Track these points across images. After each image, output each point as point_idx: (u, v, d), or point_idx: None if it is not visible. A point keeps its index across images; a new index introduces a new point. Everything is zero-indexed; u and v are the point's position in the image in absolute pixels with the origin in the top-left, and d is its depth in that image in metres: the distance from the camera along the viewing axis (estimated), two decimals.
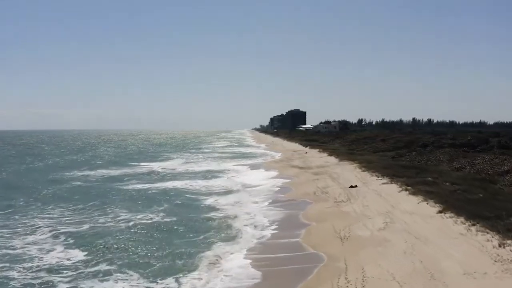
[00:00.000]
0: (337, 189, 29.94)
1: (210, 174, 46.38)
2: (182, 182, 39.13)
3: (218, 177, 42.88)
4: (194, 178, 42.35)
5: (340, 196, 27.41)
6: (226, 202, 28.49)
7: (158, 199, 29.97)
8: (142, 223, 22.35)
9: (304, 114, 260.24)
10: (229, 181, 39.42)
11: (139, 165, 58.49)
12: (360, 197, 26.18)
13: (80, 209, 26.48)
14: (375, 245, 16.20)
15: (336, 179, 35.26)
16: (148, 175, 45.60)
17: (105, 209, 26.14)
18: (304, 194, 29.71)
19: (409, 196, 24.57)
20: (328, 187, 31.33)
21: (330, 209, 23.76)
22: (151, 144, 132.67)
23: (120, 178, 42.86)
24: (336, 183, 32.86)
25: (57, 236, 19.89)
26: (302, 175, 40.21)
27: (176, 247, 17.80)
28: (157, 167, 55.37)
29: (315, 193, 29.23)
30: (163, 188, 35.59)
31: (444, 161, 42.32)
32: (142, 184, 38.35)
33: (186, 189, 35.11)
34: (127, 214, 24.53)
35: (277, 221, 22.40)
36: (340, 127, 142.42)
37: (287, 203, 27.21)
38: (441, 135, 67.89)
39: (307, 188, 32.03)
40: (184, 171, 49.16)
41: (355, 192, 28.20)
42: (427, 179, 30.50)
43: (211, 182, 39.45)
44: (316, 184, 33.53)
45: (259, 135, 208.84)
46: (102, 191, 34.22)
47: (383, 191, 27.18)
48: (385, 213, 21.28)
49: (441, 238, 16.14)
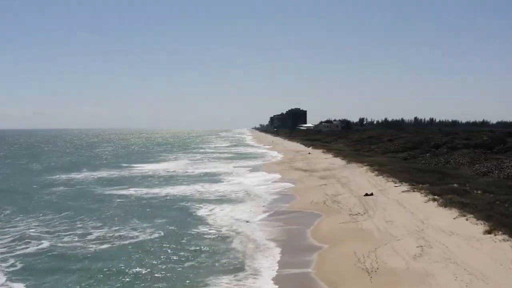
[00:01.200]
0: (350, 198, 25.95)
1: (207, 177, 42.43)
2: (176, 188, 35.14)
3: (215, 182, 38.91)
4: (190, 182, 38.38)
5: (355, 206, 23.41)
6: (222, 214, 24.49)
7: (145, 209, 26.01)
8: (118, 244, 18.35)
9: (304, 113, 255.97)
10: (227, 186, 35.44)
11: (133, 167, 54.46)
12: (380, 209, 22.19)
13: (47, 222, 22.48)
14: (415, 283, 12.21)
15: (346, 184, 31.28)
16: (141, 179, 41.60)
17: (76, 223, 22.14)
18: (311, 203, 25.71)
19: (439, 209, 20.58)
20: (338, 195, 27.33)
21: (346, 225, 19.76)
22: (148, 144, 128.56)
23: (109, 182, 38.90)
24: (347, 190, 28.87)
25: (5, 259, 15.93)
26: (307, 180, 36.22)
27: (154, 281, 13.82)
28: (151, 169, 51.39)
29: (325, 203, 25.21)
30: (153, 195, 31.62)
31: (465, 164, 38.33)
32: (132, 189, 34.35)
33: (180, 196, 31.11)
34: (102, 230, 20.53)
35: (279, 240, 18.42)
36: (342, 126, 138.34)
37: (291, 216, 23.22)
38: (453, 135, 63.85)
39: (314, 195, 28.04)
40: (180, 174, 45.16)
41: (372, 201, 24.20)
42: (453, 186, 26.53)
43: (207, 187, 35.49)
44: (324, 190, 29.54)
45: (259, 135, 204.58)
46: (83, 198, 30.23)
47: (406, 201, 23.20)
48: (416, 231, 17.30)
49: (503, 274, 12.17)
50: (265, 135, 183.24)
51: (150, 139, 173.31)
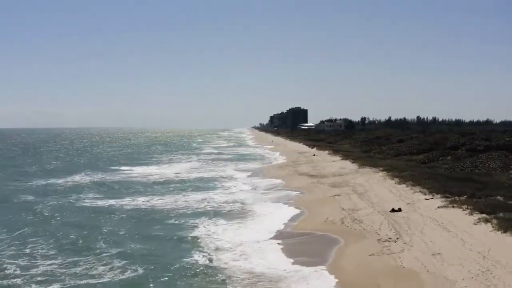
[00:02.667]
0: (374, 214, 21.01)
1: (202, 183, 37.53)
2: (164, 198, 30.20)
3: (211, 189, 33.99)
4: (181, 190, 33.47)
5: (382, 227, 18.47)
6: (216, 236, 19.55)
7: (120, 228, 21.12)
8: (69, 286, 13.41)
9: (305, 112, 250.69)
10: (224, 196, 30.52)
11: (122, 170, 49.51)
12: (416, 232, 17.26)
13: None
14: None
15: (364, 195, 26.33)
16: (126, 186, 36.70)
17: (25, 247, 17.34)
18: (325, 222, 20.73)
19: (498, 235, 15.66)
20: (358, 210, 22.39)
21: (378, 258, 14.80)
22: (147, 144, 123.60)
23: (88, 190, 33.99)
24: (367, 203, 23.92)
25: None
26: (315, 188, 31.28)
27: None
28: (141, 173, 46.51)
29: (343, 222, 20.23)
30: (135, 207, 26.75)
31: (496, 168, 33.44)
32: (112, 200, 29.46)
33: (166, 209, 26.18)
34: (53, 262, 15.58)
35: (285, 279, 13.52)
36: (345, 126, 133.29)
37: (298, 241, 18.29)
38: (471, 135, 58.88)
39: (327, 210, 23.11)
40: (171, 179, 40.17)
41: (403, 220, 19.27)
42: (498, 199, 21.64)
43: (202, 195, 30.61)
44: (338, 203, 24.60)
45: (259, 134, 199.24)
46: (48, 211, 25.29)
47: (446, 221, 18.27)
48: (481, 273, 12.39)
49: None
50: (266, 135, 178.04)
51: (150, 138, 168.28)
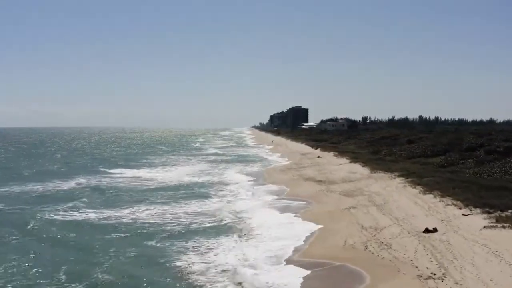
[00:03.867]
0: (403, 235, 17.03)
1: (195, 189, 33.64)
2: (151, 208, 26.28)
3: (206, 197, 30.03)
4: (173, 199, 29.53)
5: (419, 256, 14.48)
6: (204, 265, 15.60)
7: (89, 252, 17.17)
8: None
9: (306, 111, 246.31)
10: (219, 207, 26.57)
11: (115, 173, 45.56)
12: (466, 265, 13.29)
13: None
14: None
15: (384, 207, 22.36)
16: (116, 191, 32.80)
17: None
18: (343, 248, 16.61)
19: None
20: (381, 228, 18.41)
21: None
22: (144, 144, 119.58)
23: (68, 198, 30.04)
24: (390, 218, 19.95)
25: None
26: (325, 197, 27.31)
27: None
28: (132, 176, 42.61)
29: (366, 247, 16.18)
30: (113, 221, 22.82)
31: None
32: (90, 211, 25.54)
33: (153, 224, 22.24)
34: None
35: None
36: (348, 125, 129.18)
37: (312, 275, 14.27)
38: (488, 136, 54.86)
39: (344, 228, 19.13)
40: (162, 184, 36.17)
41: (444, 245, 15.29)
42: None
43: (195, 206, 26.72)
44: (355, 218, 20.62)
45: (259, 134, 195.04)
46: (4, 227, 21.31)
47: (502, 248, 14.31)
48: None
49: None
50: (266, 135, 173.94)
51: (150, 138, 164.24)
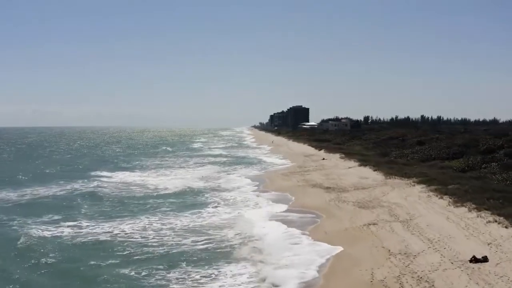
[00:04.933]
0: (445, 266, 13.49)
1: (191, 198, 30.25)
2: (134, 221, 22.79)
3: (199, 209, 26.53)
4: (161, 210, 26.06)
5: None
6: None
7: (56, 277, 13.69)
8: None
9: (307, 110, 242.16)
10: (212, 221, 23.08)
11: (101, 176, 42.16)
12: None
13: None
14: None
15: (410, 223, 18.82)
16: (94, 200, 29.36)
17: None
18: (371, 285, 13.09)
19: None
20: (414, 255, 14.85)
21: None
22: (142, 144, 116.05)
23: (43, 207, 26.61)
24: (422, 240, 16.41)
25: None
26: (336, 209, 23.77)
27: None
28: (120, 181, 39.17)
29: (402, 285, 12.61)
30: (91, 237, 19.37)
31: None
32: (68, 224, 22.13)
33: (130, 244, 18.75)
34: None
35: None
36: (351, 125, 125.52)
37: None
38: (506, 136, 51.27)
39: (366, 254, 15.58)
40: (150, 192, 32.65)
41: (502, 283, 11.79)
42: None
43: (185, 219, 23.29)
44: (378, 239, 17.07)
45: (259, 134, 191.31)
46: None
47: None
48: None
49: None
50: (266, 134, 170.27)
51: (149, 138, 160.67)
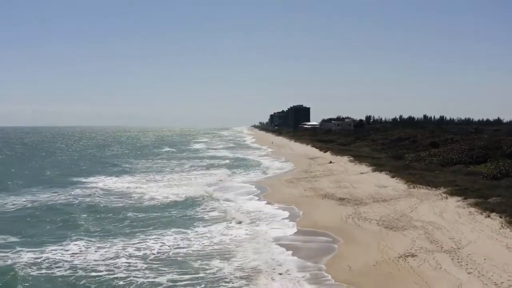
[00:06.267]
0: None
1: (179, 211, 25.70)
2: (104, 246, 18.21)
3: (185, 227, 22.03)
4: (140, 228, 21.52)
5: None
6: None
7: None
8: None
9: (307, 110, 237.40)
10: (201, 245, 18.50)
11: (86, 182, 37.68)
12: None
13: None
14: None
15: (460, 255, 14.21)
16: (71, 212, 24.90)
17: None
18: None
19: None
20: None
21: None
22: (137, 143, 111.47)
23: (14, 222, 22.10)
24: (486, 284, 11.81)
25: None
26: (356, 229, 19.14)
27: None
28: (102, 186, 34.72)
29: None
30: (46, 269, 14.78)
31: None
32: (27, 249, 17.56)
33: (93, 278, 14.18)
34: None
35: None
36: (355, 125, 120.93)
37: None
38: None
39: None
40: (132, 204, 28.02)
41: None
42: None
43: (168, 241, 18.78)
44: (425, 282, 12.46)
45: (259, 134, 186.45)
46: None
47: None
48: None
49: None
50: (266, 134, 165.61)
51: (149, 138, 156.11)
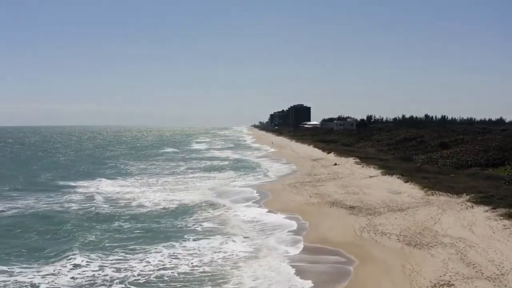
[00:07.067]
0: None
1: (166, 223, 23.23)
2: (80, 265, 15.72)
3: (176, 239, 19.56)
4: (120, 242, 19.04)
5: None
6: None
7: None
8: None
9: (308, 109, 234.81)
10: (184, 280, 16.03)
11: (66, 187, 35.22)
12: None
13: None
14: None
15: (506, 283, 11.76)
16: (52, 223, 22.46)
17: None
18: None
19: None
20: None
21: None
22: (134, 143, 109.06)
23: None
24: None
25: None
26: (373, 246, 16.63)
27: None
28: (93, 191, 32.25)
29: None
30: None
31: None
32: None
33: None
34: None
35: None
36: (357, 124, 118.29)
37: None
38: None
39: None
40: (119, 212, 25.53)
41: None
42: None
43: (154, 260, 16.31)
44: None
45: (259, 134, 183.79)
46: None
47: None
48: None
49: None
50: (266, 134, 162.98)
51: (146, 137, 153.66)
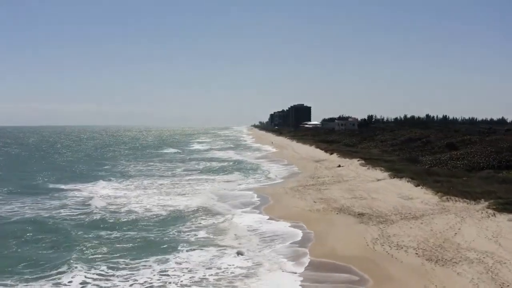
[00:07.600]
0: None
1: (156, 233, 21.50)
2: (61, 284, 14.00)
3: (166, 252, 17.85)
4: (104, 254, 17.33)
5: None
6: None
7: None
8: None
9: (308, 109, 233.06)
10: None
11: (59, 190, 33.59)
12: None
13: None
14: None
15: None
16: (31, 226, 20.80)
17: None
18: None
19: None
20: None
21: None
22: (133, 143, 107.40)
23: None
24: None
25: None
26: (389, 263, 14.89)
27: None
28: (86, 195, 30.65)
29: None
30: None
31: None
32: None
33: None
34: None
35: None
36: (359, 124, 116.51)
37: None
38: None
39: None
40: (108, 218, 23.78)
41: None
42: None
43: (140, 280, 14.55)
44: None
45: (259, 134, 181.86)
46: None
47: None
48: None
49: None
50: (266, 134, 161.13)
51: (145, 137, 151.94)
